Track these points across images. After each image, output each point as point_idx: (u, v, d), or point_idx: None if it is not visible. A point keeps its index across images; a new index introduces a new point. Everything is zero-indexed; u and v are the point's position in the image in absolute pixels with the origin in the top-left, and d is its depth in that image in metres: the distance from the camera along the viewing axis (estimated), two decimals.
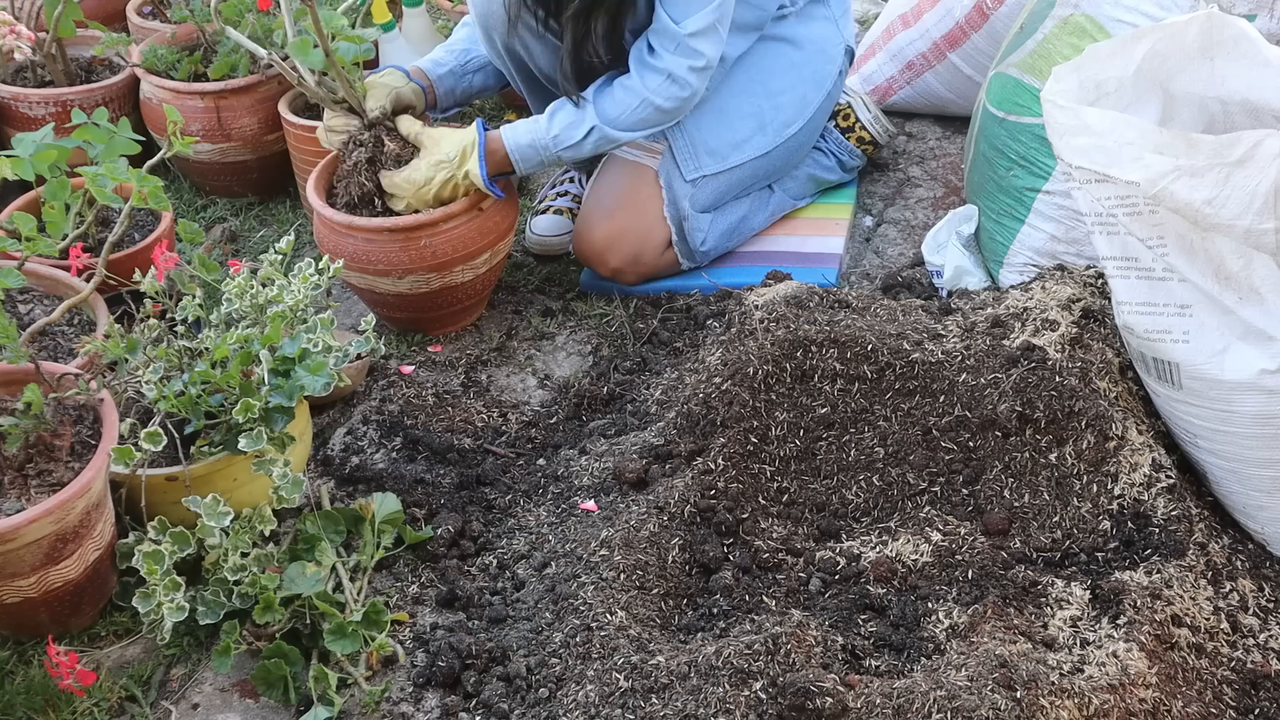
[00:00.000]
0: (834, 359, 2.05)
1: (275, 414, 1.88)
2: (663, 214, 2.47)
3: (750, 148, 2.52)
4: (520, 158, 2.35)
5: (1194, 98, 2.00)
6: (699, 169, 2.48)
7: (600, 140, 2.35)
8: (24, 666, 1.84)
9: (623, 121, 2.33)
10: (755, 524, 1.95)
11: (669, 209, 2.47)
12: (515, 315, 2.53)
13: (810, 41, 2.58)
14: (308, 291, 2.04)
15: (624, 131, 2.35)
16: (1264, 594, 1.84)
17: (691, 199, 2.48)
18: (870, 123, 2.75)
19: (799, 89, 2.56)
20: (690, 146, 2.47)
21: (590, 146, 2.36)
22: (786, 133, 2.55)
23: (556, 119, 2.35)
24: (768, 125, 2.53)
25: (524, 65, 2.51)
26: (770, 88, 2.53)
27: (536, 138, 2.35)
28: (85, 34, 2.89)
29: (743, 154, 2.52)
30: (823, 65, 2.59)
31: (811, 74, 2.58)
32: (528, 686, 1.74)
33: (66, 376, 1.90)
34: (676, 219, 2.48)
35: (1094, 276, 2.19)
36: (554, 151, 2.36)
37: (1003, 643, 1.66)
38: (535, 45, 2.44)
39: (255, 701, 1.81)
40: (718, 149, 2.49)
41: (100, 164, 1.88)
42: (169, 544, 1.82)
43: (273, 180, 2.92)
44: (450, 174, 2.30)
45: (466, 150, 2.30)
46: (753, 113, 2.52)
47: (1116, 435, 1.91)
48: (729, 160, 2.50)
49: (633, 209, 2.46)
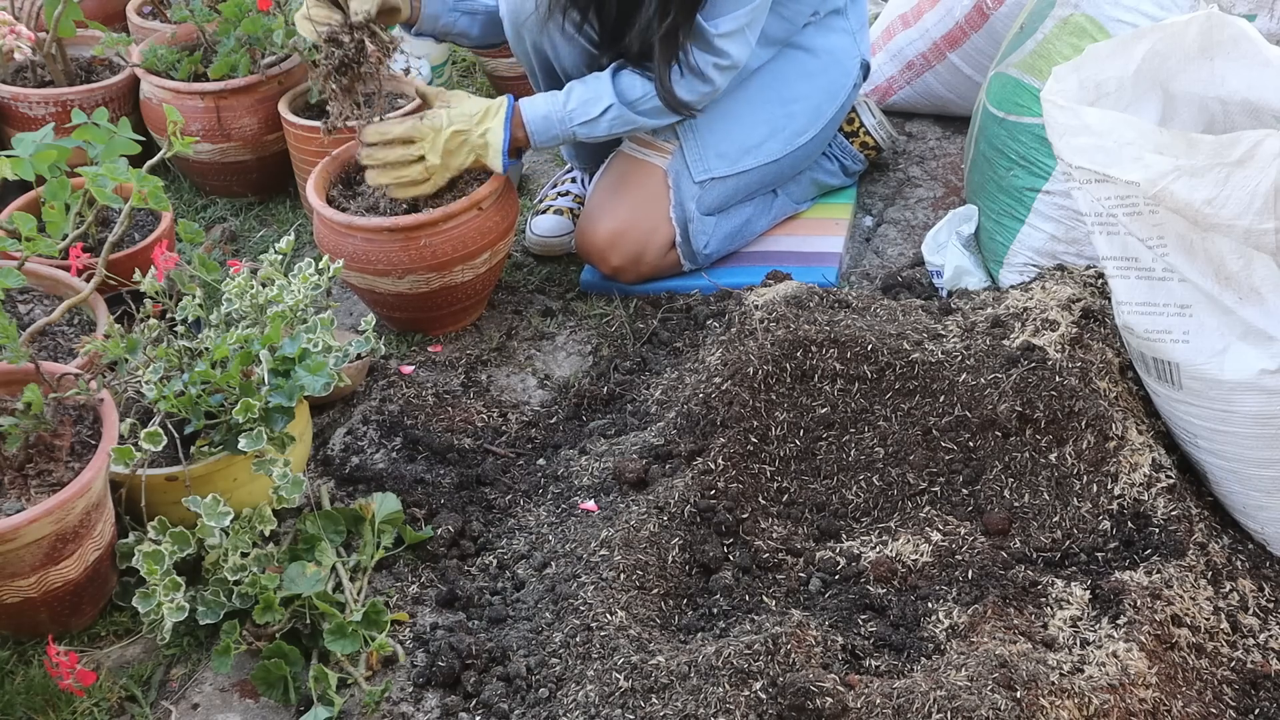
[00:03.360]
0: (834, 359, 2.05)
1: (275, 414, 1.88)
2: (669, 214, 2.46)
3: (761, 153, 2.52)
4: (535, 129, 2.32)
5: (1194, 98, 2.00)
6: (707, 171, 2.47)
7: (616, 121, 2.33)
8: (24, 666, 1.84)
9: (642, 105, 2.32)
10: (755, 524, 1.95)
11: (675, 210, 2.46)
12: (515, 315, 2.53)
13: (827, 52, 2.57)
14: (308, 291, 2.04)
15: (641, 116, 2.33)
16: (1264, 594, 1.84)
17: (698, 200, 2.47)
18: (875, 128, 2.75)
19: (813, 99, 2.56)
20: (700, 148, 2.46)
21: (606, 126, 2.34)
22: (798, 141, 2.55)
23: (574, 94, 2.33)
24: (779, 132, 2.53)
25: (548, 64, 2.50)
26: (784, 95, 2.53)
27: (553, 110, 2.32)
28: (85, 34, 2.89)
29: (752, 159, 2.51)
30: (838, 77, 2.58)
31: (826, 84, 2.57)
32: (528, 686, 1.74)
33: (66, 376, 1.90)
34: (682, 220, 2.47)
35: (1094, 276, 2.19)
36: (569, 126, 2.33)
37: (1003, 643, 1.66)
38: (564, 46, 2.43)
39: (255, 701, 1.81)
40: (728, 152, 2.49)
41: (100, 164, 1.88)
42: (169, 544, 1.82)
43: (273, 180, 2.92)
44: (465, 128, 2.26)
45: (490, 110, 2.27)
46: (765, 119, 2.51)
47: (1116, 435, 1.91)
48: (738, 165, 2.50)
49: (639, 207, 2.45)
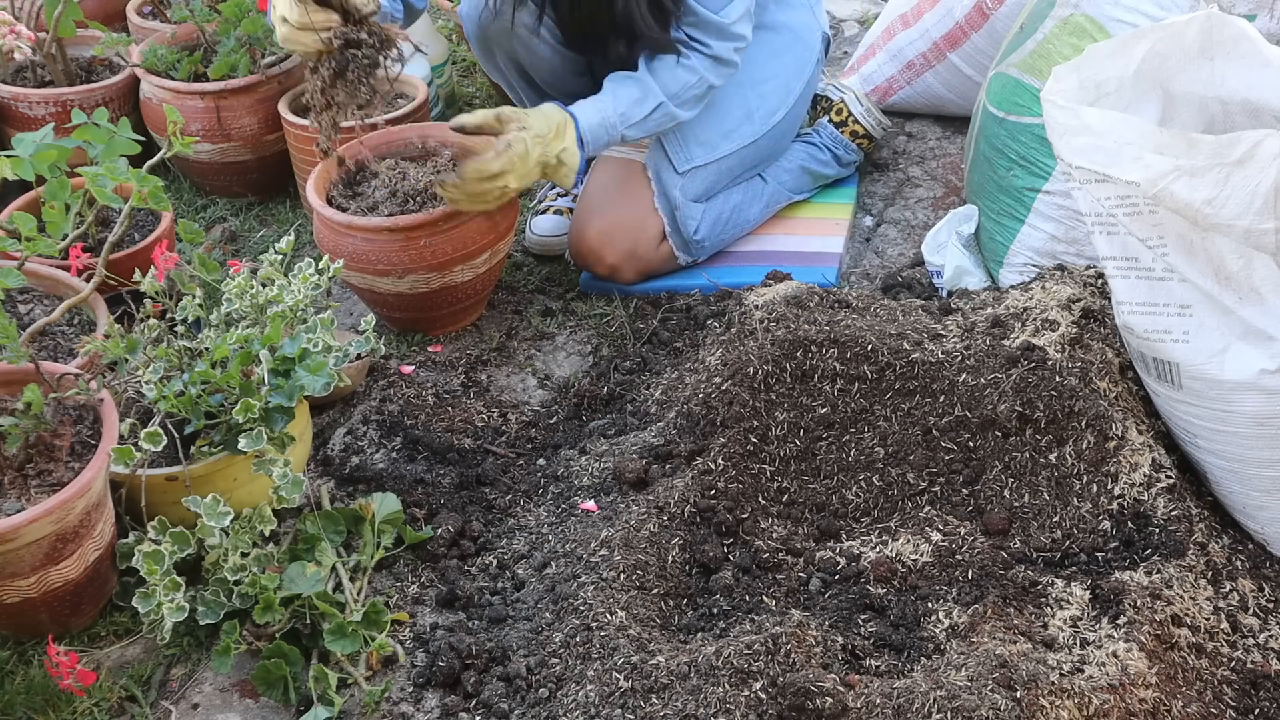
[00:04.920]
0: (834, 359, 2.05)
1: (275, 414, 1.88)
2: (653, 205, 2.48)
3: (738, 137, 2.55)
4: (591, 138, 2.31)
5: (1194, 98, 2.00)
6: (690, 160, 2.49)
7: (663, 118, 2.36)
8: (24, 666, 1.84)
9: (683, 96, 2.36)
10: (755, 524, 1.95)
11: (659, 200, 2.48)
12: (515, 315, 2.53)
13: (789, 29, 2.61)
14: (308, 291, 2.04)
15: (680, 109, 2.37)
16: (1264, 594, 1.84)
17: (683, 189, 2.49)
18: (863, 115, 2.76)
19: (781, 77, 2.59)
20: (681, 139, 2.49)
21: (652, 125, 2.36)
22: (771, 120, 2.58)
23: (620, 96, 2.33)
24: (754, 114, 2.56)
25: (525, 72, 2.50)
26: (754, 76, 2.55)
27: (605, 116, 2.31)
28: (85, 34, 2.89)
29: (731, 143, 2.54)
30: (802, 52, 2.62)
31: (793, 61, 2.61)
32: (528, 686, 1.74)
33: (66, 376, 1.90)
34: (668, 209, 2.48)
35: (1094, 276, 2.19)
36: (620, 130, 2.34)
37: (1003, 643, 1.66)
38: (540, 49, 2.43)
39: (255, 701, 1.81)
40: (707, 139, 2.51)
41: (100, 164, 1.88)
42: (169, 544, 1.82)
43: (273, 180, 2.92)
44: (544, 149, 2.24)
45: (558, 128, 2.26)
46: (739, 102, 2.54)
47: (1116, 435, 1.91)
48: (718, 150, 2.53)
49: (624, 203, 2.47)
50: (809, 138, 2.74)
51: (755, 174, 2.64)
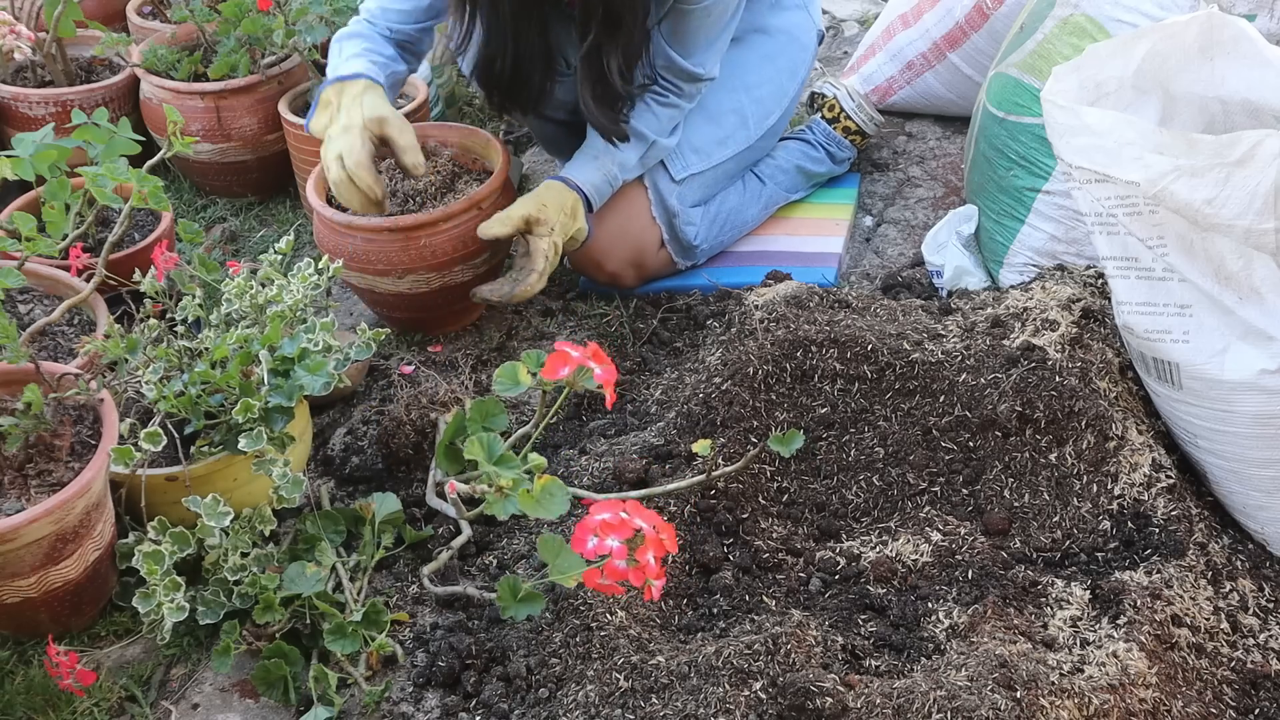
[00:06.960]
0: (834, 359, 2.05)
1: (275, 414, 1.88)
2: (650, 214, 2.48)
3: (733, 143, 2.55)
4: (598, 198, 2.38)
5: (1194, 98, 2.00)
6: (686, 168, 2.49)
7: (656, 155, 2.43)
8: (24, 666, 1.84)
9: (667, 130, 2.42)
10: (755, 524, 1.95)
11: (656, 208, 2.48)
12: (515, 315, 2.53)
13: (784, 31, 2.61)
14: (307, 291, 2.04)
15: (670, 139, 2.43)
16: (1264, 594, 1.84)
17: (680, 196, 2.49)
18: (854, 111, 2.76)
19: (776, 80, 2.59)
20: (676, 147, 2.48)
21: (649, 163, 2.43)
22: (766, 124, 2.59)
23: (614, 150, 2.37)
24: (749, 120, 2.56)
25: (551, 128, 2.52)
26: (748, 82, 2.56)
27: (607, 172, 2.37)
28: (85, 34, 2.89)
29: (726, 150, 2.54)
30: (797, 53, 2.63)
31: (787, 64, 2.61)
32: (528, 686, 1.74)
33: (66, 376, 1.90)
34: (666, 217, 2.48)
35: (1094, 276, 2.19)
36: (620, 179, 2.40)
37: (1003, 643, 1.66)
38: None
39: (255, 701, 1.81)
40: (703, 147, 2.51)
41: (100, 164, 1.88)
42: (169, 544, 1.82)
43: (273, 180, 2.92)
44: (565, 237, 2.32)
45: (569, 205, 2.32)
46: (734, 108, 2.55)
47: (1116, 435, 1.91)
48: (714, 157, 2.53)
49: (621, 213, 2.46)
50: (803, 135, 2.74)
51: (750, 172, 2.64)
